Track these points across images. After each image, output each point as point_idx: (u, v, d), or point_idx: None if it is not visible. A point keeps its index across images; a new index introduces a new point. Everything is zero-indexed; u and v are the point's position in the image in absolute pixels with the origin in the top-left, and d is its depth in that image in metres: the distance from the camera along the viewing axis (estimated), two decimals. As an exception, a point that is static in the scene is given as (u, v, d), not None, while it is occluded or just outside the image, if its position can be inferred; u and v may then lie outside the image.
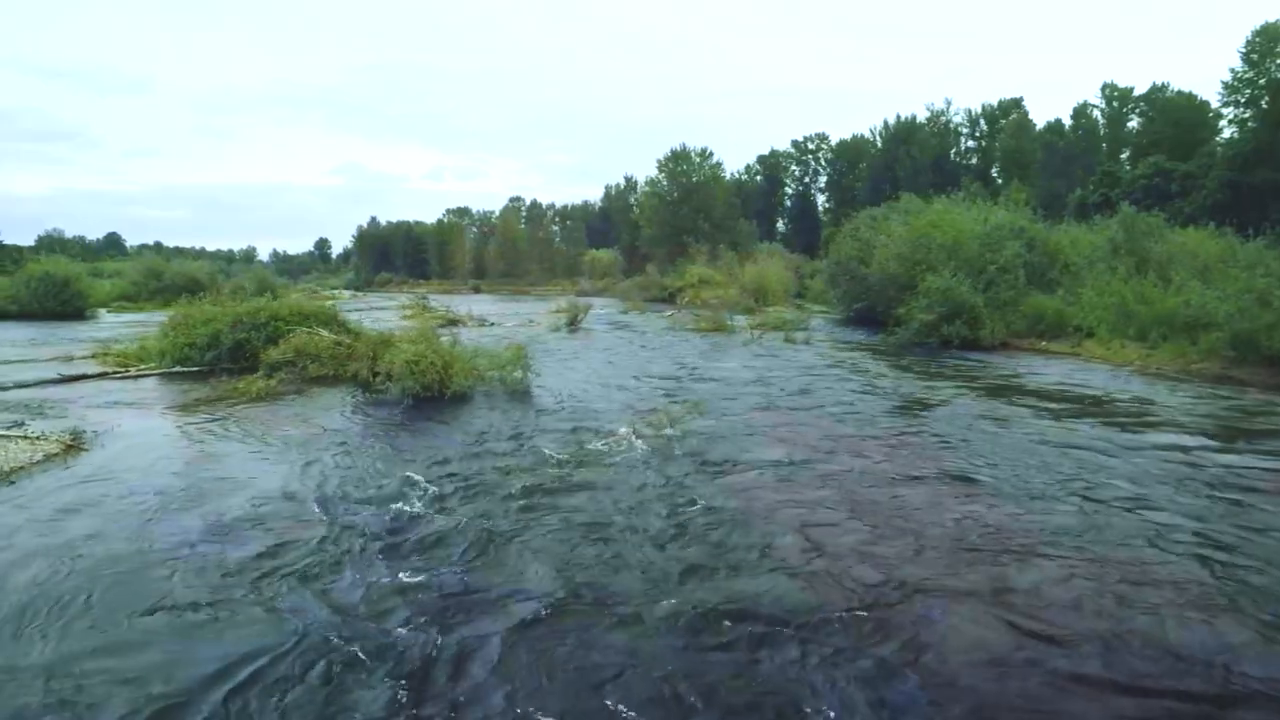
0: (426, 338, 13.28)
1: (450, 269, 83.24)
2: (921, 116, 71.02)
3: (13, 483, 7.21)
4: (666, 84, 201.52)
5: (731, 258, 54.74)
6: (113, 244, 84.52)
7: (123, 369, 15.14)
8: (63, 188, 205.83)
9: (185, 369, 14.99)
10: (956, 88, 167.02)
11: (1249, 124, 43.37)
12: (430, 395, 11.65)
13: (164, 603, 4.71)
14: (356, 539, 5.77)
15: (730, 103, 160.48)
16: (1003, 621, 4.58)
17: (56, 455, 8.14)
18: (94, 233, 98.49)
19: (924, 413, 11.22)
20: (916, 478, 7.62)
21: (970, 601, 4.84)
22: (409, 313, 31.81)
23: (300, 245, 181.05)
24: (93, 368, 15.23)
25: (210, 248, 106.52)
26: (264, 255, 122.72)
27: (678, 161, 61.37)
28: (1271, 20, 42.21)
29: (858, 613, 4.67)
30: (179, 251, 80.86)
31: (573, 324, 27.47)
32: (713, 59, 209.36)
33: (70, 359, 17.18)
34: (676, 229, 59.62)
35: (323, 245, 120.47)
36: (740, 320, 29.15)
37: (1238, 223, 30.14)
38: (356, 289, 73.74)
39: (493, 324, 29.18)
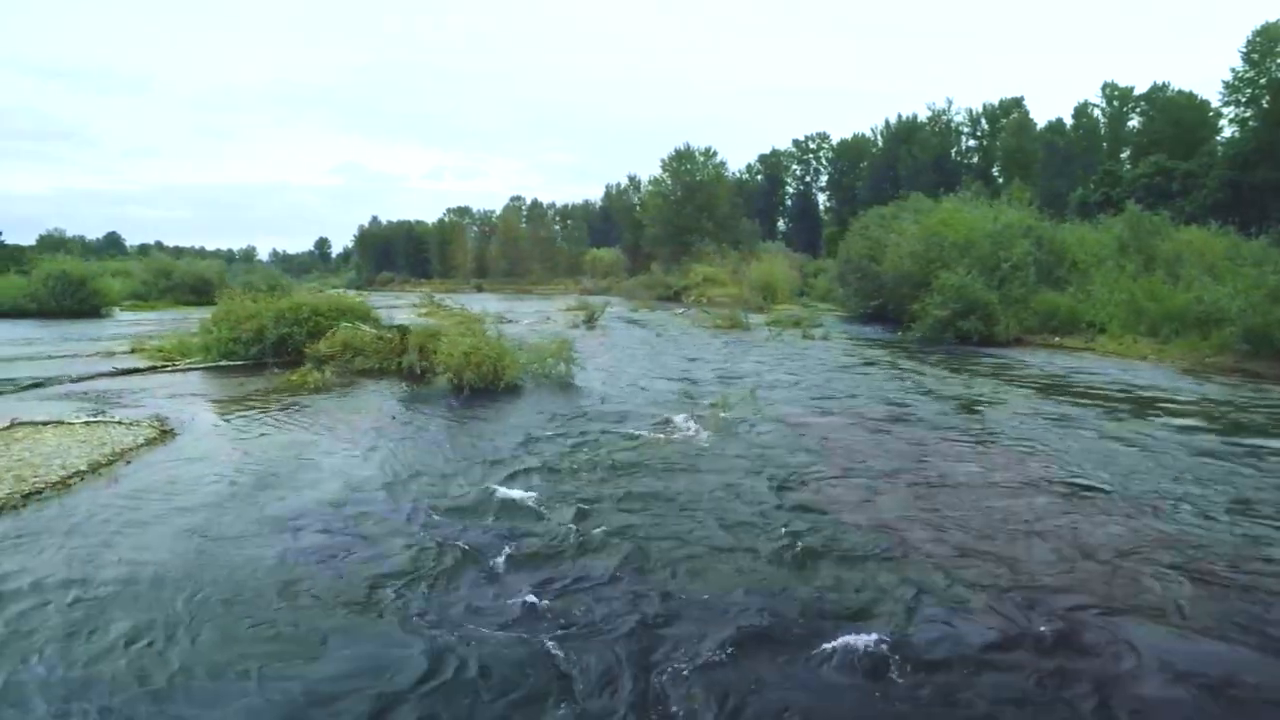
0: (474, 332, 13.82)
1: (452, 268, 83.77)
2: (922, 116, 71.80)
3: (129, 462, 7.73)
4: (667, 84, 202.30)
5: (736, 257, 55.48)
6: (113, 243, 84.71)
7: (169, 363, 15.63)
8: (61, 187, 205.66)
9: (231, 363, 15.50)
10: (957, 87, 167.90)
11: (1250, 123, 44.10)
12: (483, 387, 12.15)
13: (300, 594, 4.82)
14: (466, 536, 5.83)
15: (730, 103, 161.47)
16: (1199, 642, 4.33)
17: (155, 439, 8.67)
18: (93, 232, 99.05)
19: (986, 413, 11.15)
20: (1023, 485, 7.34)
21: (1155, 621, 4.56)
22: (424, 310, 32.23)
23: (299, 245, 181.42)
24: (142, 362, 15.71)
25: (210, 247, 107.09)
26: (264, 255, 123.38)
27: (681, 161, 61.95)
28: (1272, 20, 42.97)
29: (1039, 637, 4.35)
30: (179, 251, 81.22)
31: (590, 321, 27.99)
32: (713, 59, 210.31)
33: (111, 354, 17.66)
34: (680, 228, 60.18)
35: (323, 245, 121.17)
36: (754, 318, 29.77)
37: (1239, 221, 30.89)
38: (358, 288, 74.03)
39: (511, 321, 29.63)
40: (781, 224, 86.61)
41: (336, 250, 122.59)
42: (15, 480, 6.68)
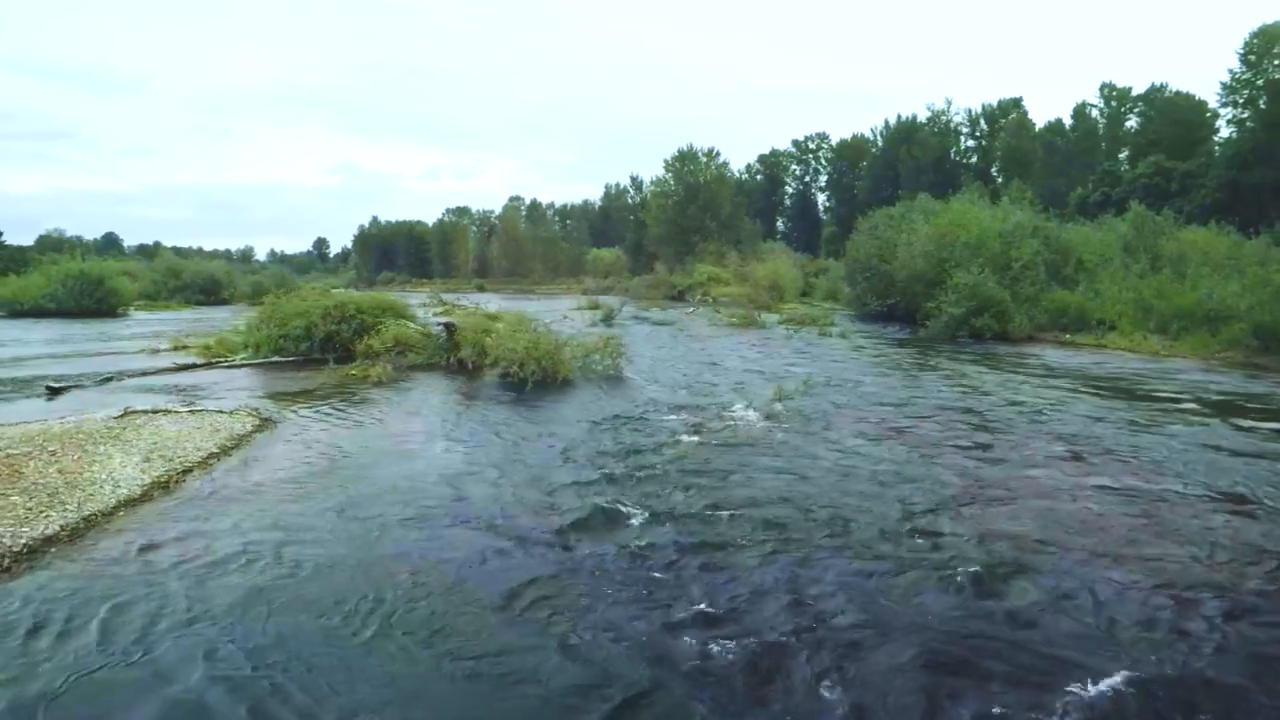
0: (524, 328, 14.54)
1: (453, 268, 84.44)
2: (922, 116, 72.84)
3: (249, 446, 8.44)
4: (664, 83, 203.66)
5: (738, 258, 56.49)
6: (111, 243, 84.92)
7: (221, 358, 16.28)
8: (59, 187, 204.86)
9: (282, 359, 16.17)
10: (957, 88, 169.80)
11: (1247, 124, 45.12)
12: (540, 380, 12.86)
13: (457, 586, 5.03)
14: (598, 526, 6.16)
15: (729, 103, 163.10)
16: None
17: (260, 426, 9.36)
18: (91, 232, 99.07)
19: (1052, 413, 11.00)
20: (1146, 492, 7.18)
21: None
22: (440, 310, 32.85)
23: (296, 244, 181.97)
24: (194, 358, 16.34)
25: (208, 247, 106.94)
26: (261, 255, 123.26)
27: (684, 161, 62.81)
28: (1269, 22, 44.08)
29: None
30: (177, 251, 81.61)
31: (608, 319, 28.76)
32: (710, 59, 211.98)
33: (156, 351, 18.31)
34: (684, 228, 61.02)
35: (321, 245, 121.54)
36: (767, 316, 30.64)
37: (1238, 221, 31.87)
38: (359, 288, 74.43)
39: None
40: (780, 224, 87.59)
41: (335, 250, 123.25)
42: (165, 460, 7.38)
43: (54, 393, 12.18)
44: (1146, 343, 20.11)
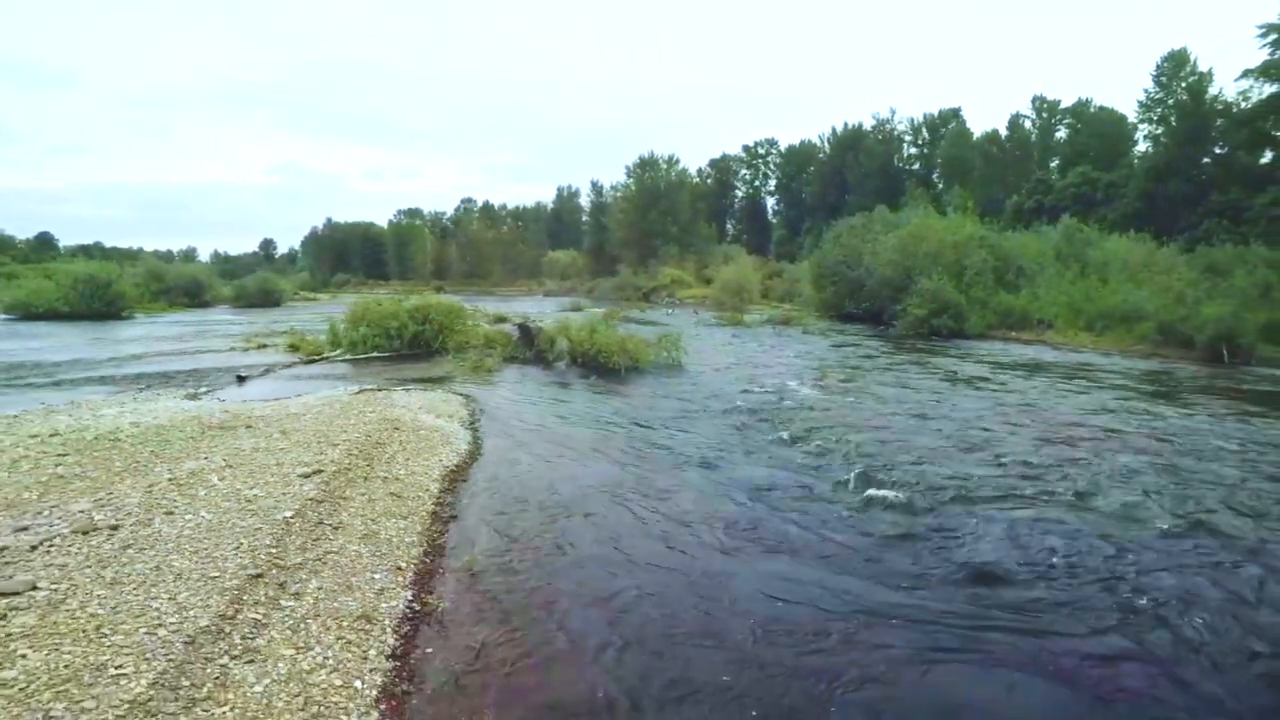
0: (597, 328, 18.65)
1: (410, 269, 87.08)
2: (868, 124, 79.12)
3: (484, 413, 12.39)
4: (611, 87, 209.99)
5: (696, 260, 61.53)
6: (44, 244, 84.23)
7: (328, 353, 19.94)
8: None
9: (379, 354, 19.93)
10: (899, 97, 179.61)
11: (1161, 139, 51.95)
12: (612, 369, 16.95)
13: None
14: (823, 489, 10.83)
15: (676, 106, 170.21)
16: None
17: (469, 403, 13.28)
18: (22, 231, 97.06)
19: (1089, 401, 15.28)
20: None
21: None
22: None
23: (239, 244, 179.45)
24: (307, 354, 19.93)
25: (148, 248, 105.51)
26: (204, 255, 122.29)
27: (645, 168, 67.44)
28: (1177, 48, 51.06)
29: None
30: (117, 252, 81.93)
31: (610, 320, 32.89)
32: (659, 64, 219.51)
33: (246, 349, 21.83)
34: (645, 232, 65.61)
35: (267, 246, 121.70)
36: (750, 316, 35.38)
37: (1154, 229, 37.95)
38: (314, 290, 76.34)
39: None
40: (730, 227, 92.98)
41: (281, 251, 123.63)
42: (448, 416, 11.36)
43: (242, 380, 15.86)
44: (1079, 338, 25.47)
